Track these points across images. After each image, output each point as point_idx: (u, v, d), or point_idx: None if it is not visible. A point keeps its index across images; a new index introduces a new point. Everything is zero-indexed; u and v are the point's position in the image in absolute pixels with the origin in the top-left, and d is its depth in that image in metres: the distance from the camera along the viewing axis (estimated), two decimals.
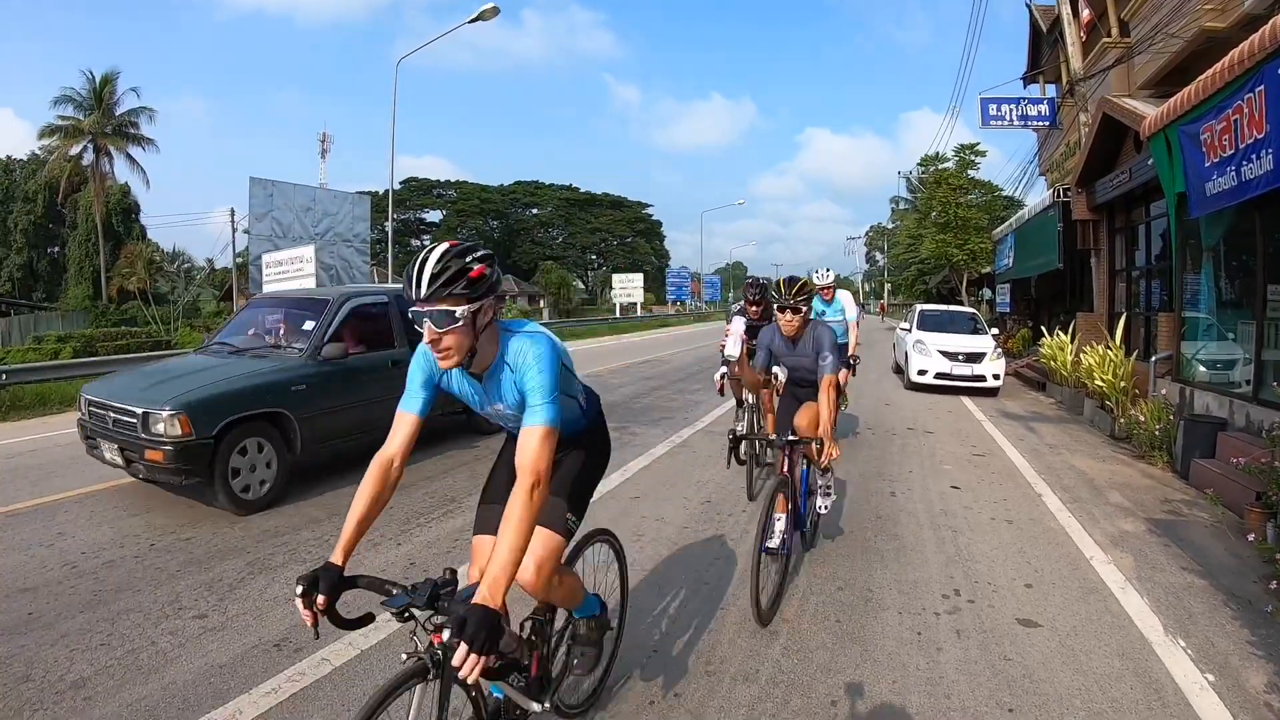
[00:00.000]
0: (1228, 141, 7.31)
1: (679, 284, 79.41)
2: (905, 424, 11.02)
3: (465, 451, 8.42)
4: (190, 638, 3.98)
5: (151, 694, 3.43)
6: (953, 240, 31.39)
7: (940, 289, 39.80)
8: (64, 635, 4.02)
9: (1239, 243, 9.11)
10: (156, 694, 3.43)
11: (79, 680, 3.55)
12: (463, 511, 6.22)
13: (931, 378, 14.67)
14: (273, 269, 23.33)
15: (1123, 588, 4.90)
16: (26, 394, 12.74)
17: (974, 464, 8.46)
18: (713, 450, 8.66)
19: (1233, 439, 7.50)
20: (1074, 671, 3.76)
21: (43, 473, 7.77)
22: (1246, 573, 5.22)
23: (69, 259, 51.08)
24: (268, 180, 25.31)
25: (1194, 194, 8.26)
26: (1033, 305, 24.46)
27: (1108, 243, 14.93)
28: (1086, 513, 6.62)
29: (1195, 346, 9.98)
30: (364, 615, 2.27)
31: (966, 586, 4.87)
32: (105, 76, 44.93)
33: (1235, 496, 6.50)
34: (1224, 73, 7.25)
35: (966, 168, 32.88)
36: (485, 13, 22.49)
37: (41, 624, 4.16)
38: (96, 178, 45.54)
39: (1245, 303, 8.91)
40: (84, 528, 5.85)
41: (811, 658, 3.84)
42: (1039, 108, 19.43)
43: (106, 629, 4.09)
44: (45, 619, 4.22)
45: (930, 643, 4.04)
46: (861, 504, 6.71)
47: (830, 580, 4.90)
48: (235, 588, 4.66)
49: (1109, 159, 13.80)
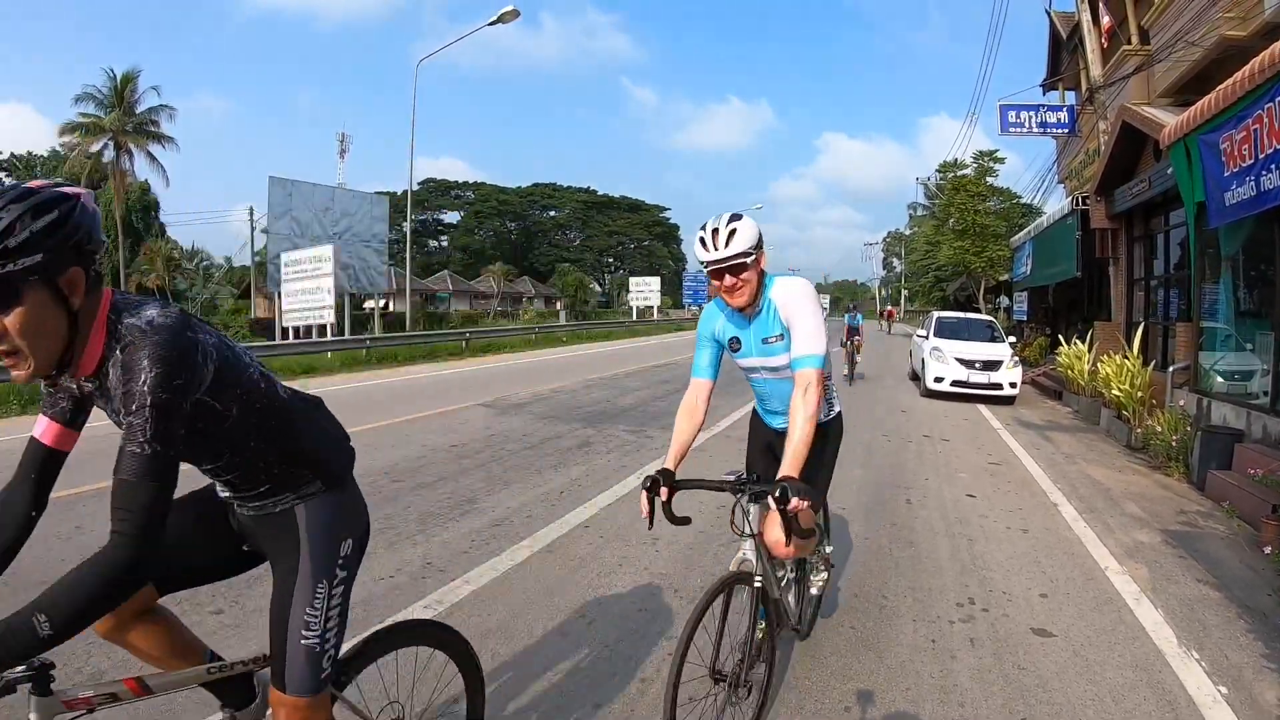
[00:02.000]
0: (1247, 151, 7.29)
1: (696, 288, 79.33)
2: (921, 431, 11.01)
3: (482, 453, 8.47)
4: (207, 634, 4.00)
5: None
6: (970, 247, 31.33)
7: (957, 296, 39.73)
8: None
9: (1258, 252, 9.07)
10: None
11: (96, 674, 3.58)
12: (479, 512, 6.26)
13: (948, 385, 14.66)
14: (291, 268, 23.51)
15: (1137, 599, 4.89)
16: (38, 391, 12.86)
17: (990, 472, 8.44)
18: (729, 455, 8.68)
19: (1250, 450, 7.47)
20: (1087, 682, 3.76)
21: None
22: (1261, 585, 5.20)
23: None
24: (287, 180, 25.48)
25: (1213, 203, 8.24)
26: (1050, 313, 24.38)
27: (1126, 251, 14.88)
28: (1102, 523, 6.60)
29: (1213, 357, 9.94)
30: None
31: (981, 595, 4.87)
32: (126, 75, 45.30)
33: (1251, 508, 6.47)
34: (1244, 82, 7.24)
35: (985, 174, 32.82)
36: (505, 15, 22.66)
37: None
38: (116, 175, 45.90)
39: (1264, 313, 8.89)
40: (102, 521, 5.82)
41: (825, 664, 3.85)
42: (1058, 115, 19.39)
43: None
44: None
45: (944, 651, 4.05)
46: (877, 511, 6.71)
47: (845, 587, 4.91)
48: (252, 585, 4.69)
49: (1128, 167, 13.76)
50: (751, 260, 2.96)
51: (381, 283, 29.82)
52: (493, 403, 12.54)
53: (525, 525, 5.93)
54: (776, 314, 3.10)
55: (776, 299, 3.10)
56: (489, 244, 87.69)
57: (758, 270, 3.04)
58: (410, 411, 11.50)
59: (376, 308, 33.75)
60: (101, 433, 6.66)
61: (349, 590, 2.13)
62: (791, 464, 2.75)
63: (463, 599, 4.48)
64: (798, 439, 2.81)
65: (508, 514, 6.23)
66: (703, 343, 3.32)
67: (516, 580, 4.83)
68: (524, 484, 7.22)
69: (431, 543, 5.49)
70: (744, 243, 2.92)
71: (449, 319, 45.53)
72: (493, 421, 10.63)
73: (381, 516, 6.06)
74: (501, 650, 3.85)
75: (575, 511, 6.33)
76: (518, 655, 3.82)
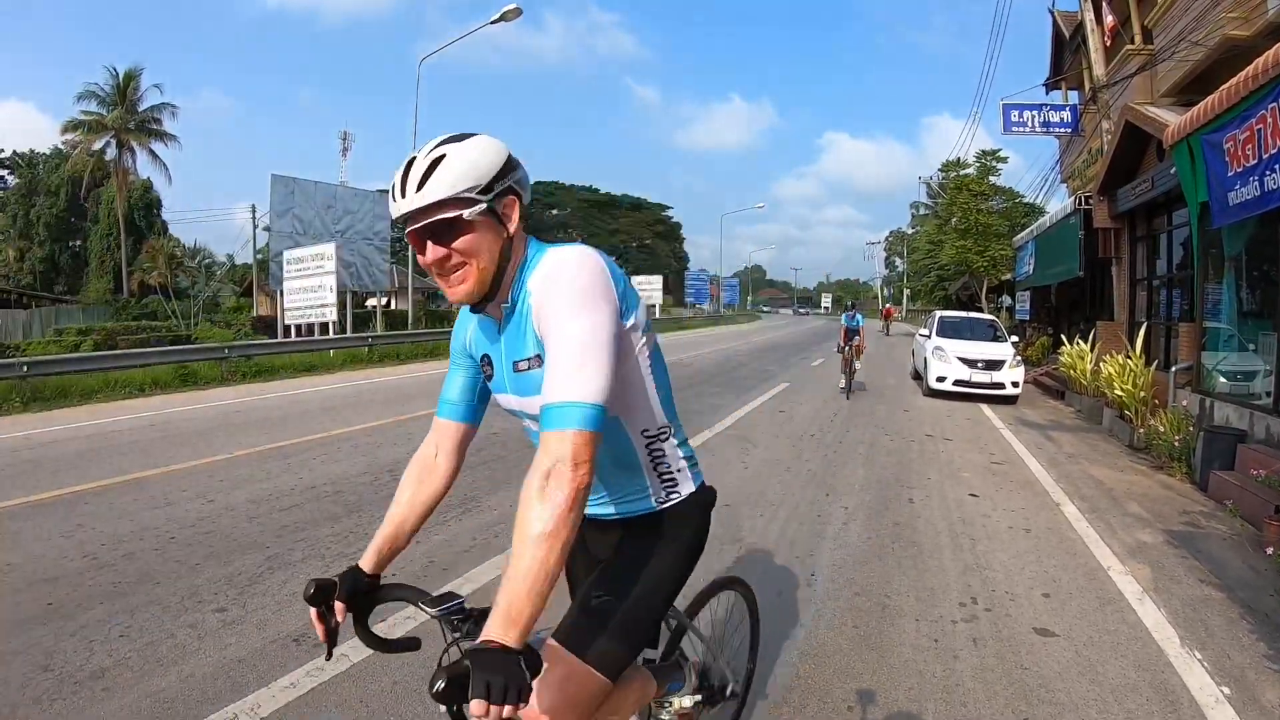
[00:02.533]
0: (1251, 151, 7.27)
1: (698, 287, 79.60)
2: (924, 431, 11.00)
3: (484, 451, 8.46)
4: (209, 631, 4.03)
5: (170, 686, 3.46)
6: (973, 247, 31.32)
7: (960, 295, 39.70)
8: (83, 626, 4.07)
9: (1261, 252, 9.06)
10: (175, 686, 3.46)
11: (98, 671, 3.59)
12: (481, 510, 6.26)
13: (950, 384, 14.64)
14: (294, 265, 23.52)
15: (1140, 599, 4.88)
16: (48, 386, 12.92)
17: (992, 472, 8.43)
18: (731, 454, 8.68)
19: (1253, 451, 7.46)
20: (1090, 682, 3.75)
21: (63, 464, 7.87)
22: (1264, 586, 5.19)
23: (90, 253, 51.67)
24: (289, 177, 25.46)
25: (1216, 203, 8.22)
26: (1052, 313, 24.36)
27: (1129, 251, 14.87)
28: (1104, 523, 6.59)
29: (1216, 357, 9.92)
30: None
31: (984, 595, 4.86)
32: (129, 73, 45.46)
33: (1254, 509, 6.46)
34: (1248, 82, 7.22)
35: (988, 174, 32.82)
36: (508, 13, 22.64)
37: (61, 614, 4.22)
38: (119, 173, 46.05)
39: (1267, 313, 8.87)
40: (104, 520, 5.93)
41: (828, 662, 3.84)
42: (1061, 114, 19.36)
43: (125, 620, 4.14)
44: (65, 609, 4.28)
45: (947, 650, 4.04)
46: (880, 510, 6.70)
47: (848, 586, 4.90)
48: (254, 582, 4.71)
49: (1131, 167, 13.75)
50: (476, 216, 1.62)
51: (384, 281, 29.78)
52: (495, 401, 12.50)
53: None
54: (529, 317, 1.72)
55: (533, 290, 1.70)
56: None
57: (496, 236, 1.69)
58: (412, 410, 11.51)
59: (379, 306, 33.75)
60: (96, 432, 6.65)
61: None
62: (500, 618, 1.34)
63: (466, 596, 4.47)
64: (518, 573, 1.37)
65: (509, 512, 6.19)
66: (454, 362, 2.11)
67: None
68: None
69: (434, 540, 5.49)
70: (454, 182, 1.60)
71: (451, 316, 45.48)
72: (494, 420, 10.55)
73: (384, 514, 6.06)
74: None
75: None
76: None
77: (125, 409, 11.95)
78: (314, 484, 7.00)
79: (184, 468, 7.65)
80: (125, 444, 8.92)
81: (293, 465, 7.76)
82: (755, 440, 9.60)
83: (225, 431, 9.72)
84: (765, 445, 9.32)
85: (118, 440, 9.16)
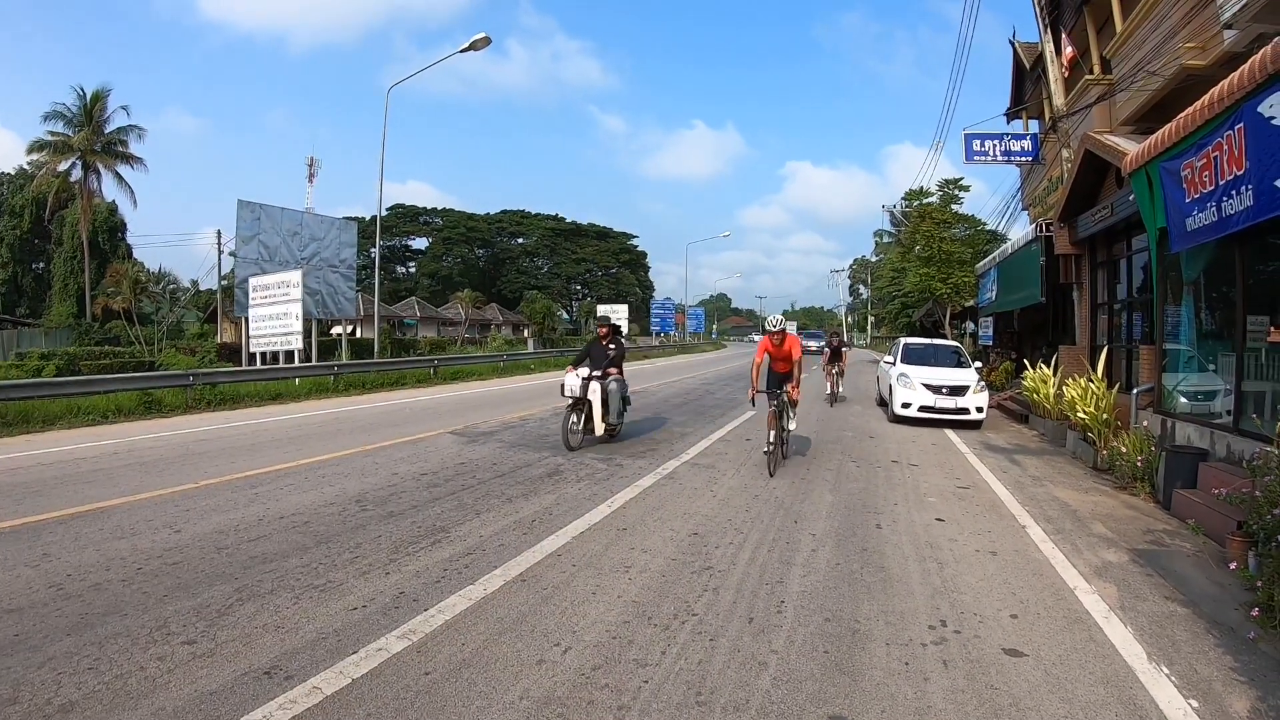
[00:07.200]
0: (1208, 178, 7.45)
1: (664, 315, 79.75)
2: (890, 457, 11.07)
3: (453, 481, 8.42)
4: (179, 664, 3.95)
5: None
6: (936, 274, 31.64)
7: (924, 322, 40.02)
8: (51, 658, 3.98)
9: (1219, 276, 9.25)
10: None
11: (67, 704, 3.51)
12: (450, 541, 6.21)
13: (915, 411, 14.75)
14: (259, 292, 23.32)
15: (1106, 617, 4.95)
16: (10, 411, 12.65)
17: (958, 496, 8.51)
18: (699, 483, 8.69)
19: (1214, 469, 7.59)
20: (1060, 700, 3.79)
21: (26, 491, 7.72)
22: (1228, 600, 5.29)
23: (54, 275, 51.01)
24: (255, 203, 25.28)
25: (1175, 229, 8.41)
26: (1015, 338, 24.66)
27: (1090, 276, 15.11)
28: (1070, 544, 6.67)
29: (1176, 378, 10.10)
30: None
31: (953, 617, 4.90)
32: (96, 93, 45.13)
33: (1217, 526, 6.58)
34: (1204, 110, 7.40)
35: (950, 202, 33.30)
36: (477, 42, 22.81)
37: (28, 646, 4.12)
38: (84, 195, 45.54)
39: (1226, 334, 9.04)
40: (70, 549, 5.81)
41: (801, 688, 3.85)
42: (1022, 143, 19.72)
43: (94, 653, 4.06)
44: (32, 641, 4.19)
45: (918, 673, 4.07)
46: (848, 536, 6.73)
47: (818, 612, 4.92)
48: (224, 614, 4.63)
49: (1091, 194, 14.01)
50: None
51: (350, 309, 29.56)
52: (462, 430, 12.46)
53: (498, 554, 5.89)
54: None
55: None
56: (457, 270, 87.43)
57: None
58: (379, 439, 11.41)
59: (344, 334, 33.49)
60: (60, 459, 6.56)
61: None
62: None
63: (436, 628, 4.44)
64: None
65: (480, 543, 6.19)
66: None
67: (490, 609, 4.79)
68: (495, 512, 7.17)
69: (404, 572, 5.44)
70: None
71: (417, 346, 45.24)
72: (463, 449, 10.56)
73: (353, 545, 6.01)
74: (477, 680, 3.82)
75: (547, 540, 6.29)
76: (493, 684, 3.78)
77: (89, 435, 11.72)
78: (282, 514, 6.92)
79: (150, 496, 7.52)
80: (90, 472, 8.76)
81: (260, 495, 7.66)
82: (722, 469, 9.61)
83: (191, 460, 9.58)
84: (733, 473, 9.33)
85: (82, 468, 8.99)
